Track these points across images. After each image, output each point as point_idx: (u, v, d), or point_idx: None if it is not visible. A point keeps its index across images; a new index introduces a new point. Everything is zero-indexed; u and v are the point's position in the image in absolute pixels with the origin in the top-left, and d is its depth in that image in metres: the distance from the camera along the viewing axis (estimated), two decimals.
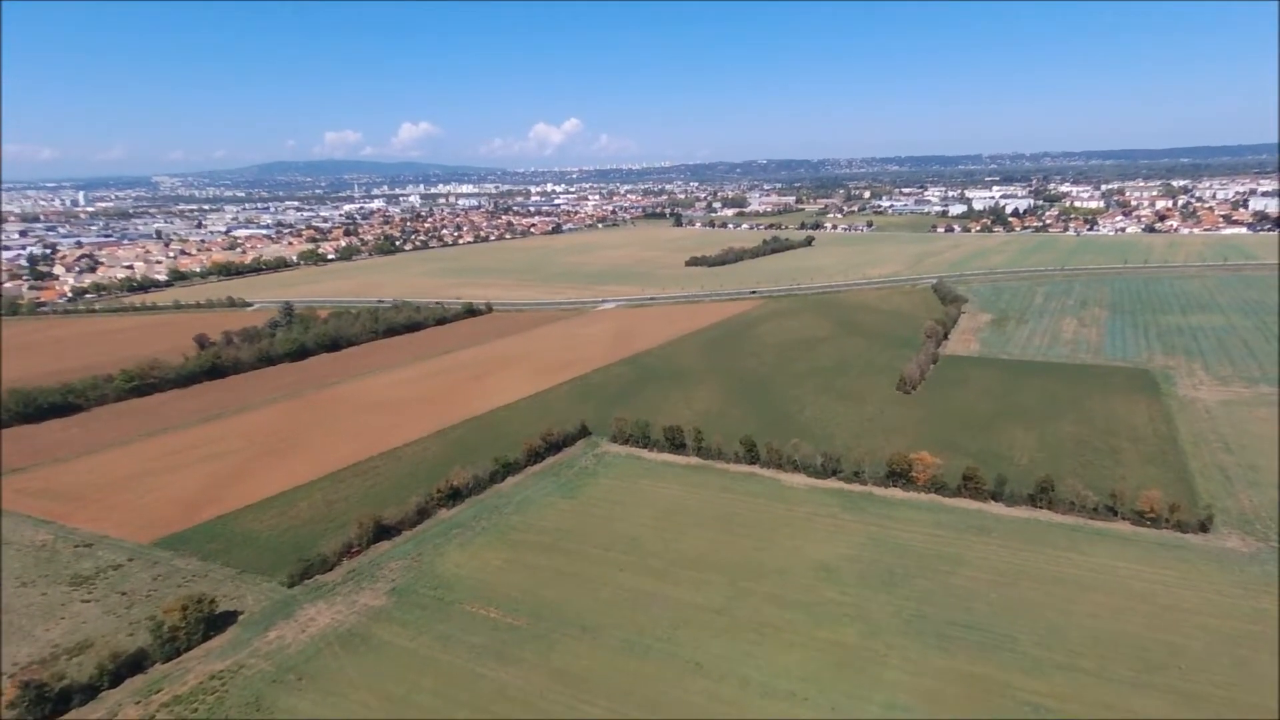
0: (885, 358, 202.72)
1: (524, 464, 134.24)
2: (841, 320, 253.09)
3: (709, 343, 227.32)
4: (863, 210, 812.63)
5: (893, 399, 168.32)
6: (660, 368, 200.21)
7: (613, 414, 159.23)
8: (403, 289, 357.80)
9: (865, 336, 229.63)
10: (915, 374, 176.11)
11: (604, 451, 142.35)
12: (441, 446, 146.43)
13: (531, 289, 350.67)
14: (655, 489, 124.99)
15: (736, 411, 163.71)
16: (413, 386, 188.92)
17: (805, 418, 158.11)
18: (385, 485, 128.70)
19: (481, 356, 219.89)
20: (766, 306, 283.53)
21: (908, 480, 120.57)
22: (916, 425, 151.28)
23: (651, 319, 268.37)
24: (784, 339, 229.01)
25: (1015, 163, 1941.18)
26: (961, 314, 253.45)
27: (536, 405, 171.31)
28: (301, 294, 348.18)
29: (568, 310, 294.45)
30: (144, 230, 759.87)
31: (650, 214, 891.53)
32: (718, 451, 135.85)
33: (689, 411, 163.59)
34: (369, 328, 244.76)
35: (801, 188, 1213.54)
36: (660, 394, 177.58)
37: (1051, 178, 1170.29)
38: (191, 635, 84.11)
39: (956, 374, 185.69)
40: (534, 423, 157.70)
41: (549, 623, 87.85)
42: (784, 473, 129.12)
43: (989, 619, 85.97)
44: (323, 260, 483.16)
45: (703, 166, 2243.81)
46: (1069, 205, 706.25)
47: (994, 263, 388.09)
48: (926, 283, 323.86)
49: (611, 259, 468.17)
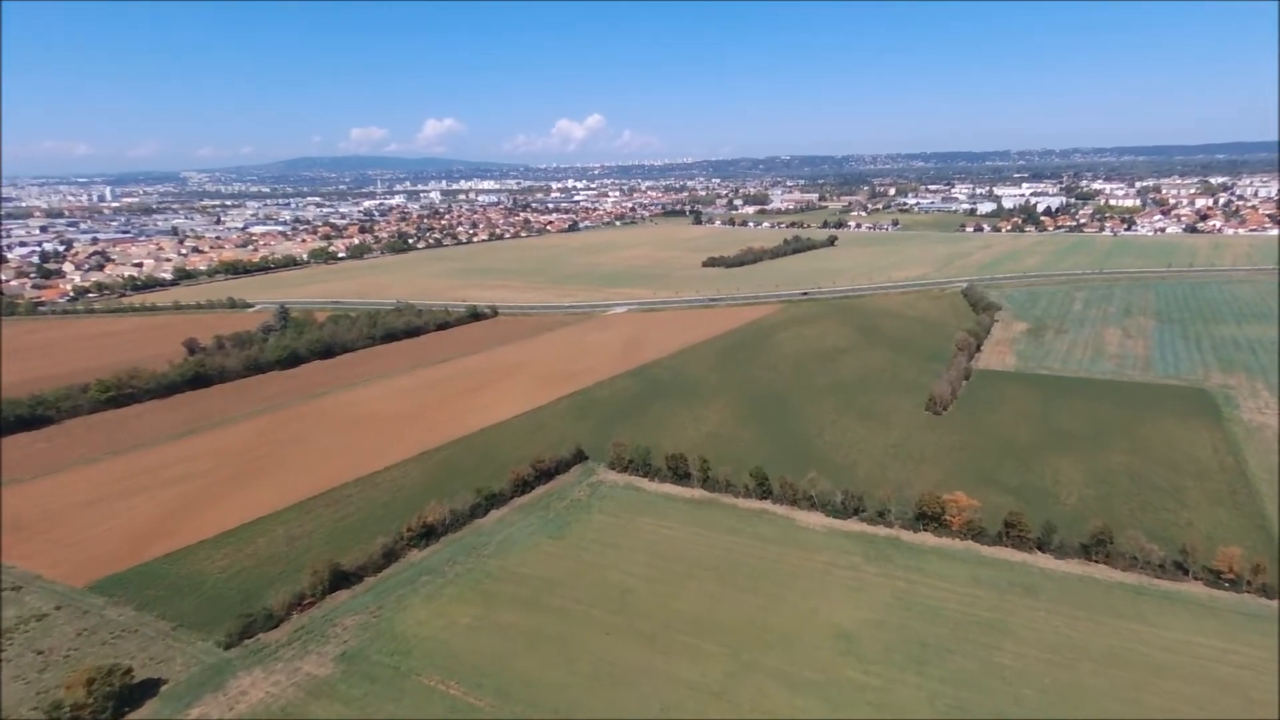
0: (912, 372, 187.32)
1: (510, 495, 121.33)
2: (865, 328, 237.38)
3: (722, 352, 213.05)
4: (888, 208, 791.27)
5: (921, 421, 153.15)
6: (669, 380, 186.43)
7: (614, 433, 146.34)
8: (410, 290, 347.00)
9: (891, 347, 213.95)
10: (946, 392, 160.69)
11: (600, 480, 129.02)
12: (424, 471, 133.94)
13: (541, 291, 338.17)
14: (654, 529, 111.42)
15: (748, 433, 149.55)
16: (403, 399, 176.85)
17: (824, 442, 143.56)
18: (356, 518, 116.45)
19: (480, 365, 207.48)
20: (785, 312, 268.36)
21: (940, 524, 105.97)
22: (948, 453, 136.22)
23: (663, 325, 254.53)
24: (803, 349, 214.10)
25: (1044, 159, 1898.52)
26: (995, 322, 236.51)
27: (532, 423, 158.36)
28: (305, 295, 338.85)
29: (576, 314, 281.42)
30: (163, 226, 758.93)
31: (670, 211, 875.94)
32: (725, 483, 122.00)
33: (697, 433, 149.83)
34: (366, 333, 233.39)
35: (825, 184, 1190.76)
36: (667, 411, 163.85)
37: (1083, 175, 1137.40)
38: (99, 715, 72.08)
39: (991, 392, 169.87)
40: (527, 443, 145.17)
41: (516, 703, 74.78)
42: (799, 510, 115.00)
43: (1042, 711, 71.51)
44: (333, 259, 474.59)
45: (725, 163, 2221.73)
46: (1104, 204, 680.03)
47: (1027, 265, 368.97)
48: (956, 286, 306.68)
49: (626, 259, 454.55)
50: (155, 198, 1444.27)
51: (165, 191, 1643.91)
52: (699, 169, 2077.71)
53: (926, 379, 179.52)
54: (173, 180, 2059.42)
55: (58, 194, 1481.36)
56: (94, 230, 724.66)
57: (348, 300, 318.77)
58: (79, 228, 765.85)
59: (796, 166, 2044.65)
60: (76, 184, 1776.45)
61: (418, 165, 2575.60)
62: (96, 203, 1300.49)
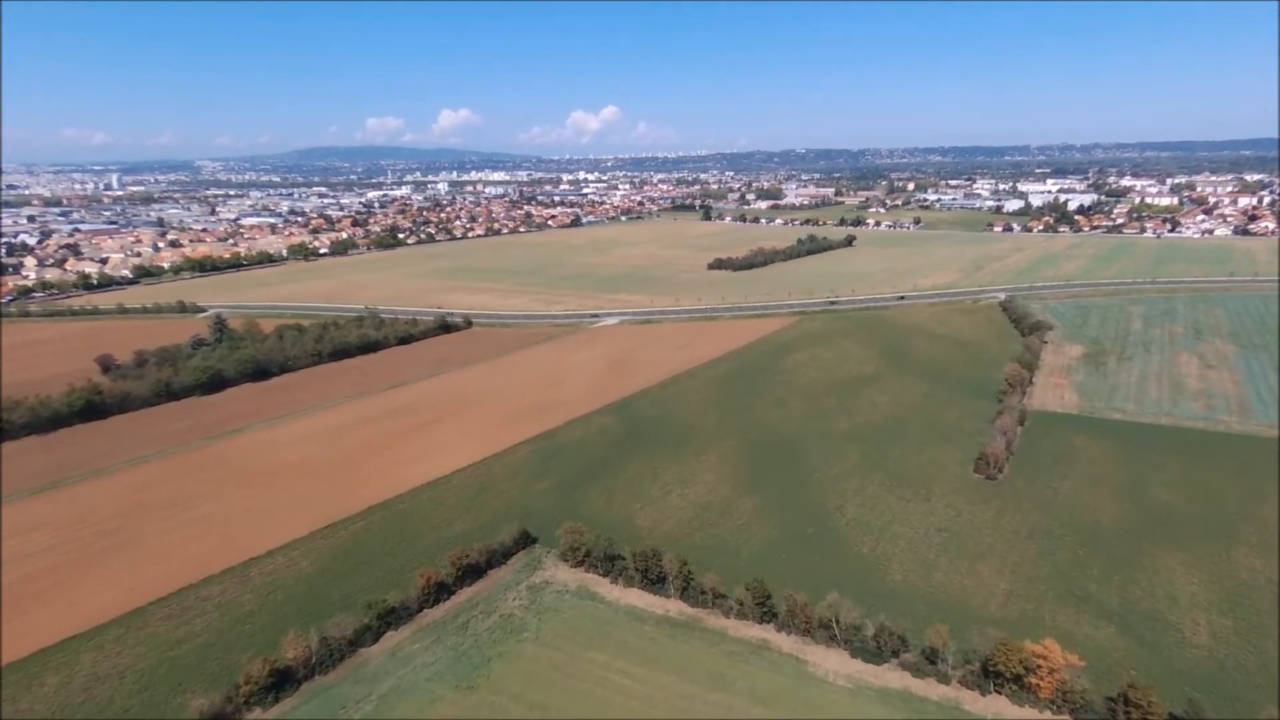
0: (953, 412, 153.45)
1: (416, 607, 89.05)
2: (892, 350, 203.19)
3: (723, 380, 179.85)
4: (907, 205, 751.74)
5: (971, 488, 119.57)
6: (655, 421, 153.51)
7: (576, 499, 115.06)
8: (386, 292, 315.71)
9: (923, 376, 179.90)
10: (1000, 448, 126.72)
11: (546, 580, 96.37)
12: (320, 558, 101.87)
13: (529, 295, 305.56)
14: (606, 675, 78.53)
15: (749, 504, 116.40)
16: (328, 442, 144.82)
17: (846, 520, 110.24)
18: (199, 641, 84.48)
19: (434, 394, 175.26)
20: (798, 326, 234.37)
21: (1021, 684, 72.79)
22: (1012, 544, 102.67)
23: (657, 341, 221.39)
24: (819, 377, 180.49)
25: (1065, 154, 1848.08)
26: (1044, 344, 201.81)
27: (477, 480, 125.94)
28: (268, 297, 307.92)
29: (561, 326, 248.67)
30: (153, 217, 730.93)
31: (679, 205, 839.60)
32: (714, 595, 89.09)
33: (683, 502, 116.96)
34: (311, 349, 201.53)
35: (841, 179, 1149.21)
36: (649, 467, 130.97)
37: (1107, 171, 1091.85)
38: None
39: (1055, 445, 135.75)
40: (464, 513, 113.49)
41: None
42: (814, 644, 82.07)
43: None
44: (314, 255, 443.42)
45: (740, 156, 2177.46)
46: (1139, 202, 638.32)
47: (1067, 271, 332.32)
48: (990, 297, 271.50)
49: (627, 259, 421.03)
50: (163, 186, 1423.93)
51: (175, 180, 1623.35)
52: (713, 162, 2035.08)
53: (971, 422, 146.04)
54: (186, 169, 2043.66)
55: (70, 181, 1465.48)
56: (80, 221, 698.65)
57: (311, 305, 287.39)
58: (70, 217, 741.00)
59: (811, 160, 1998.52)
60: (92, 172, 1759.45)
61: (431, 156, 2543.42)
62: (101, 191, 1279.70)
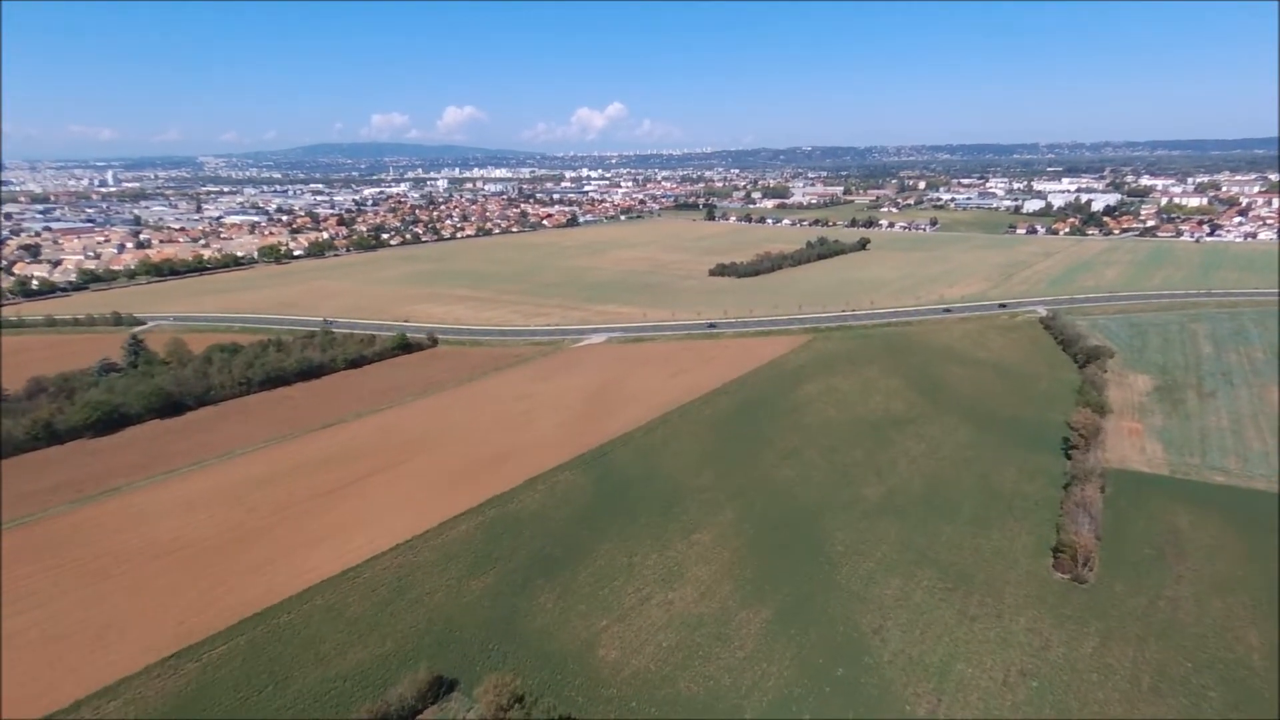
0: (1009, 472, 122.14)
1: None
2: (924, 380, 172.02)
3: (722, 421, 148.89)
4: (919, 204, 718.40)
5: (1055, 597, 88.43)
6: (636, 480, 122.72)
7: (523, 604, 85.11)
8: (349, 302, 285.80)
9: (966, 416, 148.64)
10: (1087, 537, 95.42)
11: None
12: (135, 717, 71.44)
13: (510, 306, 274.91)
14: None
15: (755, 621, 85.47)
16: (218, 511, 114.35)
17: (890, 656, 79.22)
18: None
19: (373, 438, 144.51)
20: (811, 347, 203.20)
21: None
22: (1130, 700, 71.63)
23: (646, 366, 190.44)
24: (838, 417, 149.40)
25: (1075, 152, 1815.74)
26: (1104, 373, 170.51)
27: (396, 575, 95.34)
28: (218, 307, 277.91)
29: (539, 344, 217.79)
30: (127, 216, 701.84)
31: (682, 204, 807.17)
32: None
33: (665, 617, 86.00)
34: (239, 376, 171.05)
35: (849, 176, 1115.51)
36: (622, 553, 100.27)
37: (1121, 169, 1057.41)
38: None
39: (1151, 523, 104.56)
40: (368, 632, 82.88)
41: None
42: None
43: None
44: (287, 258, 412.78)
45: (745, 153, 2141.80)
46: (1167, 203, 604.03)
47: (1106, 280, 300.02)
48: (1027, 311, 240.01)
49: (623, 262, 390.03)
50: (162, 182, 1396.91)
51: (174, 176, 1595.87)
52: (718, 159, 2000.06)
53: (1033, 485, 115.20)
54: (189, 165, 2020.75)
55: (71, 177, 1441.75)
56: (59, 218, 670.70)
57: (263, 316, 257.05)
58: (50, 215, 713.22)
59: (818, 158, 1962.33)
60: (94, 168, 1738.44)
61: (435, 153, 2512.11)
62: (95, 187, 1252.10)
